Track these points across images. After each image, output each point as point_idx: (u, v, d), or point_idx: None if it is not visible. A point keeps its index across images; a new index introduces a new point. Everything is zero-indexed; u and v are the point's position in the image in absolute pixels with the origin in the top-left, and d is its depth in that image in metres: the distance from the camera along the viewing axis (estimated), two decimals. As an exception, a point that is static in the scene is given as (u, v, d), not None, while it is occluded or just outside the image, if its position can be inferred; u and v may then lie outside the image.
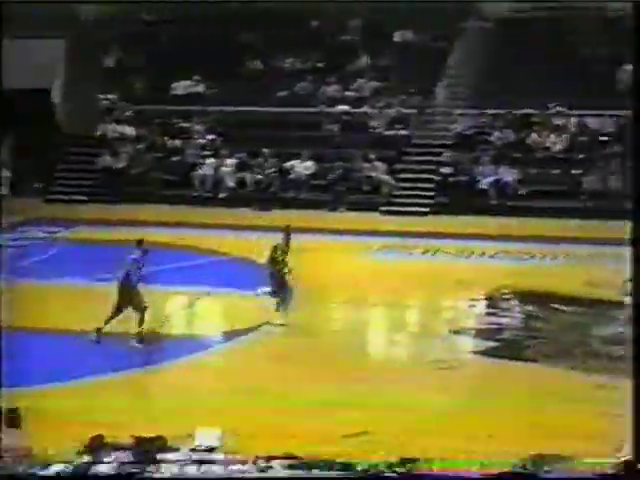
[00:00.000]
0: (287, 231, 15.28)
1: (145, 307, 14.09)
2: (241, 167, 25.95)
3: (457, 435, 10.76)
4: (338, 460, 9.46)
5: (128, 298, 14.02)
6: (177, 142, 26.85)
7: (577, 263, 19.35)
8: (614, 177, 23.55)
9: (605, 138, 24.92)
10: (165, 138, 26.96)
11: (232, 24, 29.15)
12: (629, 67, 26.04)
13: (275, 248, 15.03)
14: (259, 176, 25.61)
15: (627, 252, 19.97)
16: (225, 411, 11.34)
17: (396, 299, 17.09)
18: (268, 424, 10.98)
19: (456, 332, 15.20)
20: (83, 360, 13.26)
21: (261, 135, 26.29)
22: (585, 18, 28.12)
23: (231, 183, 25.67)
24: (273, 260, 14.99)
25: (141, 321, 14.09)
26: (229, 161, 25.93)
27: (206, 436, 9.73)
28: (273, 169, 25.61)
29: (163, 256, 18.04)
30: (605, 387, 12.63)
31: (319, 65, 28.68)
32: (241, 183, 25.74)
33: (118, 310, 14.09)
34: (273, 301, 15.08)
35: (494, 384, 12.85)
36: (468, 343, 14.89)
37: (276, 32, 28.77)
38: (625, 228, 21.91)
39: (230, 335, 14.92)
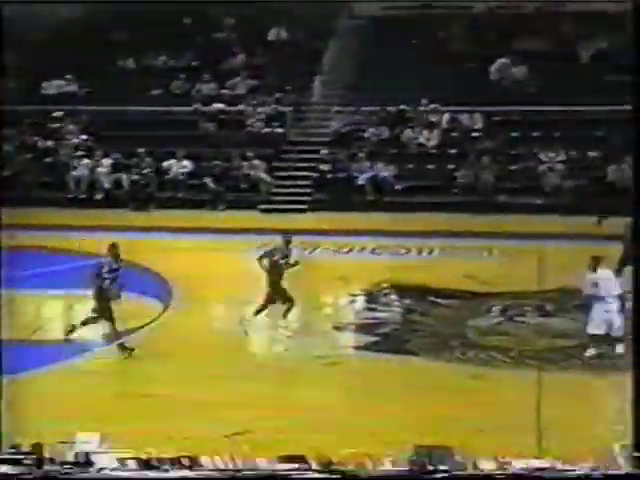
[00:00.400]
0: (287, 238, 15.06)
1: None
2: (117, 167, 25.55)
3: (342, 431, 10.87)
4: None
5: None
6: (50, 143, 26.26)
7: (453, 256, 19.77)
8: (485, 172, 24.17)
9: (476, 134, 25.55)
10: (36, 139, 26.33)
11: (103, 22, 28.71)
12: (499, 64, 26.84)
13: (273, 253, 14.84)
14: (135, 176, 25.28)
15: (501, 244, 20.60)
16: (106, 416, 11.17)
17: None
18: (151, 427, 10.88)
19: (337, 328, 15.34)
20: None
21: (136, 135, 25.93)
22: (455, 16, 28.83)
23: (107, 184, 25.26)
24: (274, 266, 14.73)
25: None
26: (104, 161, 25.50)
27: (85, 441, 9.54)
28: (149, 169, 25.31)
29: (38, 259, 17.60)
30: (482, 377, 12.96)
31: (193, 63, 28.51)
32: (117, 184, 25.35)
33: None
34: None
35: (376, 378, 13.03)
36: (349, 338, 15.06)
37: (148, 30, 28.48)
38: (498, 221, 22.68)
39: (111, 338, 14.68)
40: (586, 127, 24.70)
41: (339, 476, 8.70)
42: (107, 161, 25.50)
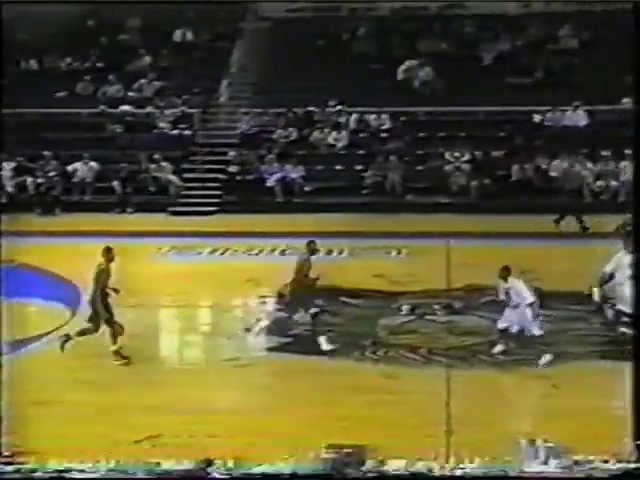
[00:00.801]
0: (312, 247, 14.80)
1: None
2: (21, 171, 25.06)
3: (254, 433, 10.87)
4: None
5: None
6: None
7: (362, 256, 19.92)
8: (393, 172, 24.42)
9: (384, 134, 25.81)
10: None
11: (6, 23, 28.08)
12: (406, 65, 27.15)
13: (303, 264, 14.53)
14: (40, 180, 24.83)
15: (410, 243, 20.82)
16: (13, 424, 10.95)
17: (187, 300, 17.02)
18: (59, 434, 10.73)
19: (249, 330, 15.32)
20: None
21: (41, 137, 25.51)
22: (360, 18, 29.09)
23: (10, 188, 24.75)
24: (300, 276, 14.46)
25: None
26: (7, 165, 24.98)
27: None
28: (55, 172, 24.90)
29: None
30: (393, 376, 13.10)
31: (98, 65, 28.16)
32: (21, 187, 24.86)
33: None
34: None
35: (288, 380, 13.07)
36: (261, 340, 15.05)
37: (51, 32, 28.02)
38: (407, 221, 22.91)
39: (16, 345, 14.39)
40: (490, 127, 25.18)
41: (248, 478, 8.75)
42: (10, 164, 24.99)
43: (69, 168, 25.00)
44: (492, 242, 20.06)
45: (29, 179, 24.86)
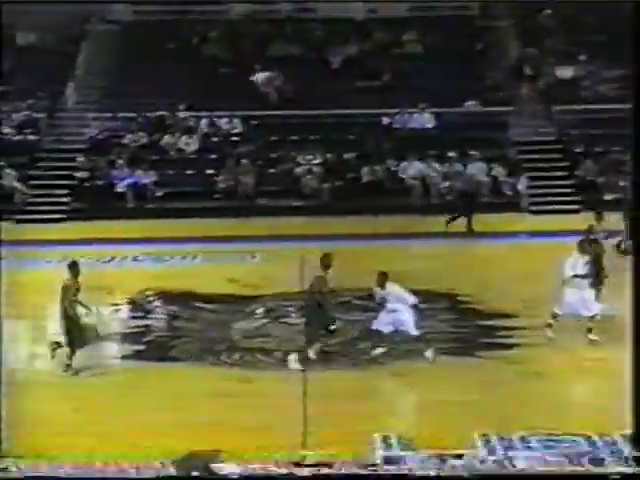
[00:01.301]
0: (326, 261, 14.07)
1: None
2: None
3: (109, 441, 10.67)
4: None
5: None
6: None
7: (216, 261, 19.84)
8: (245, 176, 24.41)
9: (235, 138, 25.78)
10: None
11: None
12: (257, 68, 27.16)
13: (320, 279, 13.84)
14: None
15: (263, 247, 20.81)
16: None
17: (36, 311, 16.52)
18: None
19: (102, 338, 14.99)
20: None
21: None
22: (210, 22, 28.96)
23: None
24: (315, 291, 13.81)
25: None
26: None
27: None
28: None
29: None
30: (249, 380, 13.09)
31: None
32: None
33: None
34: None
35: (143, 387, 12.87)
36: (114, 348, 14.79)
37: None
38: (260, 225, 22.90)
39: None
40: (341, 130, 25.51)
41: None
42: None
43: None
44: (345, 243, 20.33)
45: None
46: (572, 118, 25.98)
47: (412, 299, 13.45)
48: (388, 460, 10.12)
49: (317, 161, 24.96)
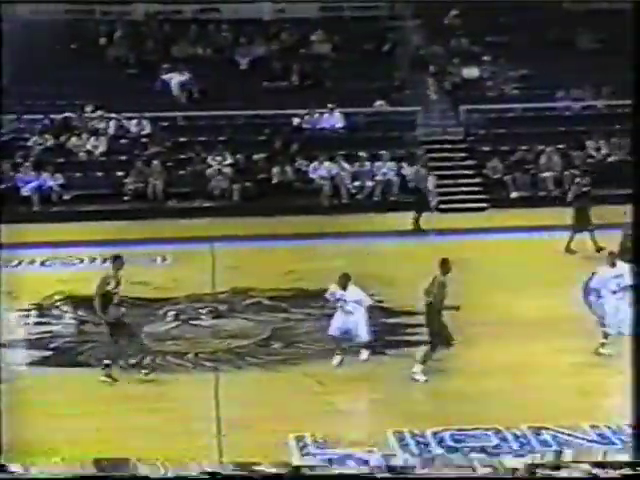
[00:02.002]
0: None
1: None
2: None
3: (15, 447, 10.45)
4: None
5: None
6: None
7: (126, 264, 19.49)
8: (154, 177, 24.18)
9: (144, 140, 25.50)
10: None
11: None
12: (164, 70, 26.91)
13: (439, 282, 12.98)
14: None
15: (174, 249, 20.66)
16: None
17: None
18: None
19: (6, 345, 14.67)
20: None
21: None
22: (115, 22, 28.61)
23: None
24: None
25: None
26: None
27: None
28: None
29: None
30: (161, 383, 12.97)
31: None
32: None
33: None
34: None
35: (51, 394, 12.65)
36: (20, 355, 14.49)
37: None
38: (170, 226, 22.71)
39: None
40: (250, 131, 25.45)
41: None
42: None
43: None
44: (255, 244, 20.31)
45: None
46: (478, 117, 26.40)
47: (370, 301, 13.35)
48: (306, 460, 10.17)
49: (227, 162, 24.84)
